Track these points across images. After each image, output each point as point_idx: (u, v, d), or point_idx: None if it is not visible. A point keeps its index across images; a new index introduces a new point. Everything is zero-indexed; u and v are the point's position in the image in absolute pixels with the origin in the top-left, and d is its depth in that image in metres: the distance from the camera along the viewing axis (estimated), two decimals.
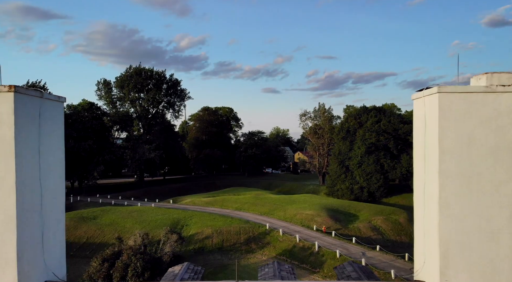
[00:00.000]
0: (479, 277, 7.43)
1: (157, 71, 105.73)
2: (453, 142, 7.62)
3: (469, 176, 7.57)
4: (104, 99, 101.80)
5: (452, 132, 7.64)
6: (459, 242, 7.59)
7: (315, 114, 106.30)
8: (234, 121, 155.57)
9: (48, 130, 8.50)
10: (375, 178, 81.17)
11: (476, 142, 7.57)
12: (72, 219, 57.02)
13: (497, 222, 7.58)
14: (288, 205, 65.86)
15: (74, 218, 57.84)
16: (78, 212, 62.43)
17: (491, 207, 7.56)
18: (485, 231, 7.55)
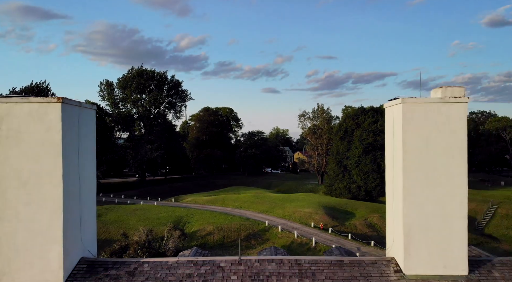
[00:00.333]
0: (435, 252, 9.40)
1: (158, 72, 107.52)
2: (414, 143, 9.57)
3: (427, 171, 9.52)
4: (107, 100, 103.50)
5: (413, 135, 9.59)
6: (419, 224, 9.55)
7: (313, 115, 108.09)
8: (234, 121, 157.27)
9: (84, 133, 10.52)
10: (372, 177, 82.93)
11: (433, 143, 9.55)
12: None
13: (450, 208, 9.55)
14: (287, 203, 67.64)
15: None
16: None
17: (445, 196, 9.53)
18: (440, 215, 9.52)
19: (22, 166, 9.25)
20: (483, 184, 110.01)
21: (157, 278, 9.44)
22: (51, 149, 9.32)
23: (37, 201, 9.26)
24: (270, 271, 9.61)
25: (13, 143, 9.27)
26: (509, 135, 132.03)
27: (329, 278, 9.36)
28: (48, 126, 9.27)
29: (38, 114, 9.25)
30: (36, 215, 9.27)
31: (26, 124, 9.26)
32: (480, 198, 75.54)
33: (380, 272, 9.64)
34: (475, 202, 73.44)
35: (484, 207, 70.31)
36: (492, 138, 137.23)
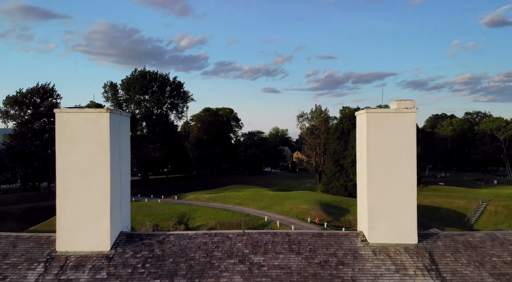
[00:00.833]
0: (392, 226, 12.42)
1: (161, 74, 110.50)
2: (376, 143, 12.60)
3: (385, 165, 12.53)
4: (111, 101, 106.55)
5: (375, 137, 12.60)
6: (380, 206, 12.57)
7: (311, 115, 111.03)
8: (234, 121, 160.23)
9: (123, 135, 13.59)
10: None
11: (390, 143, 12.58)
12: None
13: (403, 193, 12.57)
14: (285, 200, 70.67)
15: None
16: None
17: (399, 183, 12.54)
18: (395, 198, 12.56)
19: (80, 160, 12.25)
20: (476, 183, 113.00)
21: (180, 245, 12.46)
22: (101, 147, 12.34)
23: (91, 187, 12.27)
24: (267, 240, 12.63)
25: (74, 143, 12.29)
26: (503, 135, 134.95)
27: (311, 244, 12.38)
28: (100, 130, 12.29)
29: (92, 121, 12.26)
30: (90, 197, 12.28)
31: (83, 129, 12.27)
32: (471, 196, 78.55)
33: (350, 241, 12.66)
34: (466, 199, 76.46)
35: (474, 204, 73.27)
36: (487, 138, 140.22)
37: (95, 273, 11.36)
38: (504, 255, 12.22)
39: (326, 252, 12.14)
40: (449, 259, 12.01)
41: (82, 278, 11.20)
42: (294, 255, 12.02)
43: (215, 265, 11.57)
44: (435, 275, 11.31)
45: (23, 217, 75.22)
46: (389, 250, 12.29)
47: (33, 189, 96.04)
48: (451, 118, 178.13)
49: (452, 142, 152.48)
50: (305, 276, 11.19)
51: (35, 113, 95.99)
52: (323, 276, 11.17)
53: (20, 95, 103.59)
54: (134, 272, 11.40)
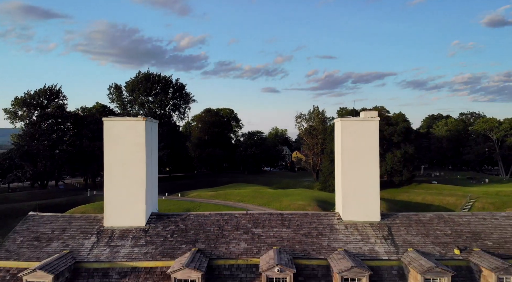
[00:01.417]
0: (360, 207, 16.18)
1: (164, 76, 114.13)
2: (348, 144, 16.30)
3: (355, 160, 16.25)
4: (116, 102, 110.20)
5: (347, 139, 16.30)
6: (351, 192, 16.35)
7: (309, 116, 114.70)
8: (234, 121, 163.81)
9: (153, 137, 17.41)
10: None
11: (358, 144, 16.30)
12: (96, 209, 65.48)
13: (368, 182, 16.27)
14: (284, 197, 74.42)
15: (98, 207, 66.23)
16: (101, 203, 70.81)
17: (365, 174, 16.21)
18: (362, 186, 16.30)
19: (122, 157, 16.04)
20: (468, 181, 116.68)
21: (199, 222, 16.26)
22: (138, 147, 16.13)
23: (130, 177, 16.06)
24: (264, 218, 16.43)
25: (117, 143, 16.07)
26: (495, 135, 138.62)
27: (298, 221, 16.18)
28: (137, 134, 16.08)
29: (132, 127, 16.05)
30: (130, 185, 16.06)
31: (125, 132, 16.06)
32: (461, 194, 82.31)
33: (328, 219, 16.47)
34: (455, 196, 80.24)
35: (463, 201, 76.97)
36: (480, 138, 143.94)
37: (136, 241, 15.16)
38: (445, 229, 16.04)
39: (310, 227, 15.95)
40: (402, 232, 15.82)
41: (126, 244, 15.00)
42: (285, 228, 15.83)
43: (225, 235, 15.39)
44: (390, 242, 15.12)
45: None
46: (358, 225, 16.10)
47: (42, 187, 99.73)
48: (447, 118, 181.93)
49: (447, 142, 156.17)
50: (293, 242, 15.00)
51: (43, 114, 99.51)
52: (306, 243, 14.98)
53: (28, 96, 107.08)
54: (165, 240, 15.21)
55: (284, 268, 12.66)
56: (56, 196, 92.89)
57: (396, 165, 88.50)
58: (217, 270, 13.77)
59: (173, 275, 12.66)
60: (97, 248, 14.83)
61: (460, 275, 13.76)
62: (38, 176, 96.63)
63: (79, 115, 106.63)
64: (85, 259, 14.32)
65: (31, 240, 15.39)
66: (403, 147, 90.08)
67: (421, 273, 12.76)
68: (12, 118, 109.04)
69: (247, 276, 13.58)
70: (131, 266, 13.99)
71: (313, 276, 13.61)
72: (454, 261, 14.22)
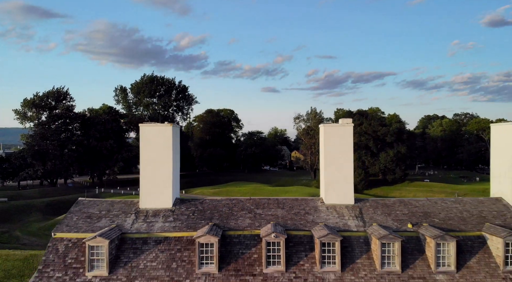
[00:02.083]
0: (338, 193, 20.92)
1: (167, 78, 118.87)
2: (329, 144, 21.05)
3: (334, 158, 21.01)
4: (121, 103, 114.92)
5: (328, 141, 21.14)
6: (331, 182, 21.05)
7: (307, 117, 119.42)
8: (235, 122, 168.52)
9: (177, 139, 22.26)
10: (357, 173, 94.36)
11: (337, 144, 20.96)
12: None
13: (344, 174, 20.98)
14: (282, 194, 79.15)
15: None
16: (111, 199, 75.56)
17: (342, 168, 20.97)
18: (339, 178, 21.01)
19: (153, 154, 20.68)
20: (460, 180, 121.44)
21: (213, 204, 20.92)
22: (166, 148, 20.78)
23: (160, 170, 20.70)
24: (264, 202, 21.10)
25: (149, 144, 20.72)
26: (487, 136, 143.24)
27: (291, 204, 20.85)
28: (165, 136, 20.73)
29: (161, 131, 20.70)
30: (159, 177, 20.70)
31: (155, 136, 20.71)
32: (450, 191, 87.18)
33: (314, 203, 21.14)
34: (444, 193, 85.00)
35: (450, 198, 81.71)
36: (473, 138, 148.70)
37: (166, 219, 19.83)
38: (404, 210, 20.71)
39: (299, 208, 20.63)
40: (370, 212, 20.49)
41: (159, 221, 19.66)
42: (280, 209, 20.50)
43: (234, 214, 20.06)
44: (360, 219, 19.78)
45: (46, 209, 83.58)
46: (336, 207, 20.77)
47: (51, 184, 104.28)
48: (442, 119, 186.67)
49: (441, 142, 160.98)
50: (286, 219, 19.67)
51: (53, 115, 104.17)
52: (295, 219, 19.66)
53: (37, 98, 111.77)
54: (188, 217, 19.87)
55: (278, 235, 17.35)
56: (65, 193, 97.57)
57: (389, 164, 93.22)
58: (229, 239, 18.45)
59: (198, 240, 17.34)
60: (137, 223, 19.51)
61: (411, 242, 18.44)
62: (49, 174, 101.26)
63: (87, 116, 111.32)
64: (128, 231, 18.99)
65: (84, 218, 20.05)
66: (396, 147, 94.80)
67: (379, 239, 17.45)
68: (22, 118, 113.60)
69: (251, 242, 18.27)
70: (164, 236, 18.67)
71: (300, 243, 18.30)
72: (407, 233, 18.88)
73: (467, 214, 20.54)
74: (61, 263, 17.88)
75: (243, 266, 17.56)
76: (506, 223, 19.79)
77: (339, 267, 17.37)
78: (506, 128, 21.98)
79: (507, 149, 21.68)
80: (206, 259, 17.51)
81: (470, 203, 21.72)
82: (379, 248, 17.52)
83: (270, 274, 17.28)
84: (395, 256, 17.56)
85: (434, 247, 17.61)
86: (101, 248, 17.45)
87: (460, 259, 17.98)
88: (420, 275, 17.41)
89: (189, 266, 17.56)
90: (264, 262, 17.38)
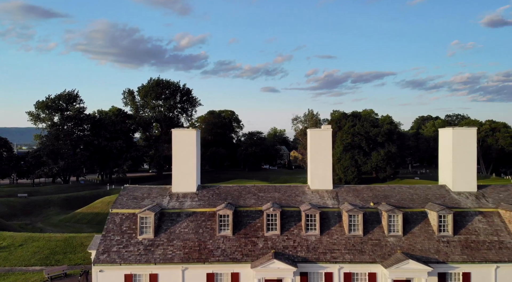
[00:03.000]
0: (321, 181, 27.95)
1: (172, 82, 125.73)
2: (314, 145, 28.22)
3: (318, 156, 28.13)
4: (129, 106, 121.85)
5: (313, 142, 28.28)
6: (316, 173, 28.12)
7: (304, 118, 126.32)
8: (235, 122, 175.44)
9: (198, 141, 29.48)
10: (350, 171, 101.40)
11: (321, 145, 28.23)
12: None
13: (324, 168, 28.02)
14: None
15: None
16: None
17: (323, 163, 28.03)
18: (321, 170, 28.06)
19: (181, 153, 27.69)
20: None
21: (227, 189, 27.92)
22: (192, 146, 27.79)
23: (187, 164, 27.70)
24: (265, 188, 28.13)
25: (179, 144, 27.71)
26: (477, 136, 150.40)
27: (285, 190, 27.88)
28: (191, 138, 27.74)
29: (187, 134, 27.71)
30: (187, 169, 27.69)
31: (184, 138, 27.71)
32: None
33: (302, 188, 28.16)
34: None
35: None
36: None
37: (192, 199, 26.82)
38: (369, 194, 27.69)
39: (291, 192, 27.64)
40: (344, 194, 27.48)
41: (187, 200, 26.64)
42: (277, 193, 27.50)
43: (242, 196, 27.07)
44: (335, 199, 26.78)
45: (63, 203, 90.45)
46: (319, 191, 27.76)
47: (65, 182, 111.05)
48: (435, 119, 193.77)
49: (434, 142, 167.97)
50: (281, 199, 26.68)
51: (66, 117, 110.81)
52: (288, 200, 26.67)
53: (49, 100, 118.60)
54: (209, 198, 26.86)
55: (275, 209, 24.35)
56: (79, 190, 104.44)
57: (380, 162, 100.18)
58: (239, 213, 25.44)
59: (218, 212, 24.34)
60: (171, 202, 26.50)
61: (372, 215, 25.44)
62: (62, 172, 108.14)
63: (97, 118, 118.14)
64: (166, 207, 25.97)
65: (131, 199, 27.03)
66: (386, 146, 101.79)
67: (347, 212, 24.44)
68: (35, 120, 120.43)
69: (255, 215, 25.26)
70: (192, 211, 25.66)
71: (291, 215, 25.30)
72: (369, 209, 25.86)
73: (416, 196, 27.57)
74: (118, 230, 24.85)
75: (250, 231, 24.58)
76: (445, 203, 26.79)
77: (318, 232, 24.39)
78: (448, 133, 29.05)
79: (448, 149, 28.75)
80: (223, 226, 24.52)
81: (420, 189, 28.78)
82: (347, 219, 24.54)
83: (269, 236, 24.29)
84: (358, 224, 24.57)
85: (387, 218, 24.63)
86: (148, 218, 24.43)
87: (407, 227, 24.99)
88: (377, 238, 24.43)
89: (211, 231, 24.57)
90: (265, 228, 24.39)
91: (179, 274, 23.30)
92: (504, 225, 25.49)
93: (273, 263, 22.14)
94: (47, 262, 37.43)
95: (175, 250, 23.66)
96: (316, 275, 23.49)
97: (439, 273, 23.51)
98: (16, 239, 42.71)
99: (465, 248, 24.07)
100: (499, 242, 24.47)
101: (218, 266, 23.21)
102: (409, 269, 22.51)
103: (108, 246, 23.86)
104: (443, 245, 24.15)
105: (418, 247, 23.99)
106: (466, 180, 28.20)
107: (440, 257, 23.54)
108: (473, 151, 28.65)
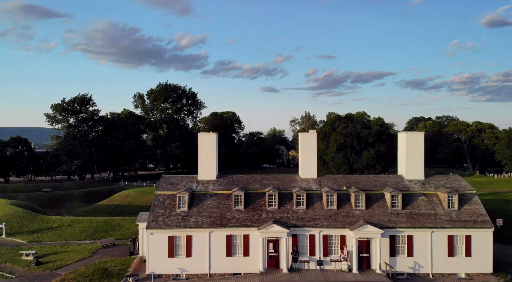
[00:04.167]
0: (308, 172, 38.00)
1: (179, 86, 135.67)
2: (303, 146, 38.27)
3: (307, 155, 38.23)
4: (140, 108, 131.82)
5: (303, 144, 38.33)
6: (305, 167, 38.02)
7: (302, 120, 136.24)
8: (237, 123, 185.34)
9: (217, 141, 39.53)
10: (343, 169, 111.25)
11: (308, 145, 38.38)
12: (137, 192, 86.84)
13: (311, 162, 37.89)
14: None
15: (138, 192, 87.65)
16: (138, 189, 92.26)
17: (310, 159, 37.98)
18: (309, 165, 37.88)
19: (206, 151, 37.56)
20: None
21: (238, 178, 37.80)
22: (212, 146, 37.68)
23: (209, 160, 37.57)
24: (267, 177, 38.06)
25: (203, 144, 37.59)
26: (464, 136, 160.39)
27: (282, 178, 37.78)
28: (212, 140, 37.65)
29: (209, 137, 37.62)
30: (208, 163, 37.56)
31: (206, 139, 37.60)
32: None
33: (295, 177, 38.07)
34: None
35: None
36: (451, 139, 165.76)
37: (214, 184, 36.69)
38: (344, 181, 37.53)
39: (286, 180, 37.52)
40: (326, 181, 37.32)
41: (210, 185, 36.51)
42: (276, 180, 37.36)
43: (250, 182, 36.95)
44: (318, 185, 36.64)
45: (83, 197, 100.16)
46: (307, 180, 37.61)
47: (81, 179, 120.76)
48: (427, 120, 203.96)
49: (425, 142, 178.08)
50: (279, 185, 36.53)
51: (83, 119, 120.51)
52: (284, 185, 36.53)
53: (65, 103, 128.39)
54: (226, 184, 36.72)
55: (274, 191, 34.21)
56: (95, 186, 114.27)
57: (370, 161, 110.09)
58: (249, 194, 35.28)
59: (233, 193, 34.20)
60: (199, 186, 36.35)
61: (344, 196, 35.26)
62: (80, 170, 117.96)
63: (109, 120, 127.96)
64: (195, 190, 35.80)
65: (169, 184, 36.85)
66: (376, 146, 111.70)
67: (325, 193, 34.32)
68: (52, 121, 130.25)
69: (260, 196, 35.12)
70: (214, 192, 35.51)
71: (286, 196, 35.14)
72: (342, 191, 35.68)
73: (378, 183, 37.43)
74: (161, 205, 34.68)
75: (256, 207, 34.45)
76: (398, 187, 36.58)
77: (305, 207, 34.26)
78: (403, 136, 38.93)
79: (403, 147, 38.64)
80: (237, 203, 34.36)
81: (382, 178, 38.66)
82: (326, 198, 34.41)
83: (270, 210, 34.17)
84: (334, 202, 34.42)
85: (354, 197, 34.49)
86: (184, 197, 34.25)
87: (369, 204, 34.82)
88: (346, 211, 34.28)
89: (228, 206, 34.43)
90: (267, 205, 34.28)
91: (206, 236, 33.11)
92: (440, 203, 35.32)
93: (272, 227, 31.99)
94: (94, 237, 47.22)
95: (204, 219, 33.51)
96: (303, 236, 33.34)
97: (390, 235, 33.29)
98: (64, 221, 52.49)
99: (409, 218, 33.90)
100: (434, 215, 34.30)
101: (234, 230, 33.04)
102: (368, 232, 32.34)
103: (156, 217, 33.70)
104: (394, 216, 34.01)
105: (376, 217, 33.83)
106: (415, 171, 38.09)
107: (391, 224, 33.37)
108: (421, 149, 38.54)
